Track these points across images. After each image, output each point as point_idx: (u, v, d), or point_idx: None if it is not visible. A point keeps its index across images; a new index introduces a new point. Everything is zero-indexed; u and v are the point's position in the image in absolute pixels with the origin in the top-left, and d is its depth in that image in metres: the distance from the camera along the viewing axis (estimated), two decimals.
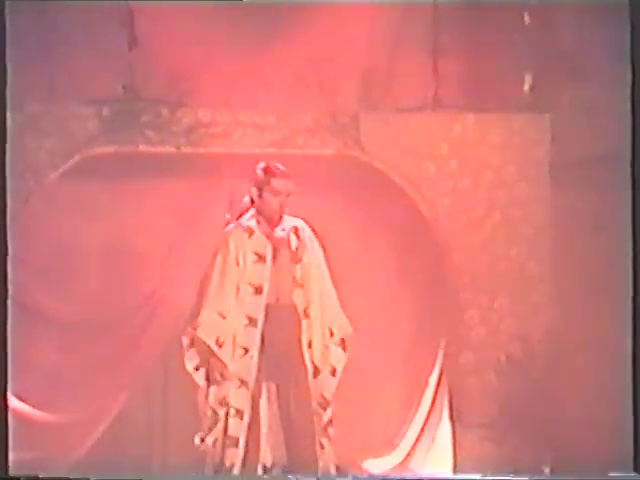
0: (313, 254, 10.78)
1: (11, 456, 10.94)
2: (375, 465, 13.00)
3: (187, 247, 13.19)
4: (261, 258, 9.86)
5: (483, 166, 12.90)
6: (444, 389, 13.19)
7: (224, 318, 9.90)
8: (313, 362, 10.07)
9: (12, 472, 10.51)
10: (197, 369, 10.68)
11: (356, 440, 12.74)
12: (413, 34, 13.04)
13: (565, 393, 12.57)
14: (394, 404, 13.12)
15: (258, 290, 10.45)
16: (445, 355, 13.08)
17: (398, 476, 7.98)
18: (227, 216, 11.77)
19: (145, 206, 12.71)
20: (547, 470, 12.69)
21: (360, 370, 11.93)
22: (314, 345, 10.05)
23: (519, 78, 13.44)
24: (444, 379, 13.21)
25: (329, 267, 10.84)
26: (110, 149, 12.37)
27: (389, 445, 13.23)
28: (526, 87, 13.25)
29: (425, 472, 13.21)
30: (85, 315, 12.59)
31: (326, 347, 10.60)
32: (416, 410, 13.29)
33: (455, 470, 13.21)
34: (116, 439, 12.80)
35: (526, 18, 13.50)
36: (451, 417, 13.07)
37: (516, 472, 11.99)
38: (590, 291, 12.52)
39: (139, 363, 13.00)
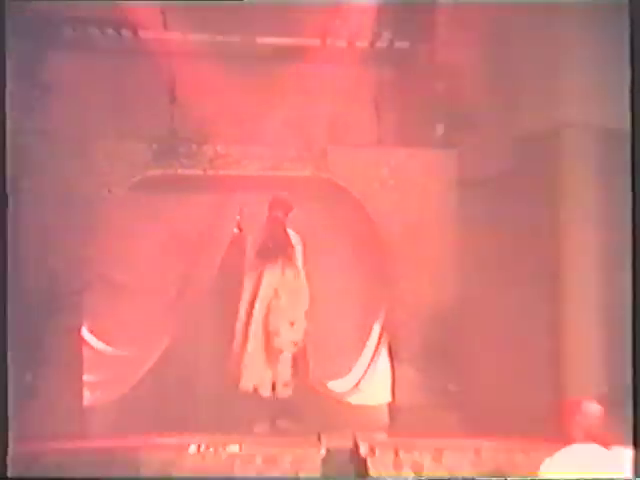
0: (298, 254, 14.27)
1: (85, 378, 14.35)
2: (336, 385, 15.57)
3: (207, 242, 15.25)
4: None
5: (412, 184, 15.08)
6: (385, 335, 15.40)
7: None
8: None
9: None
10: None
11: (323, 368, 15.04)
12: (364, 95, 15.37)
13: (467, 337, 15.00)
14: (350, 344, 15.89)
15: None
16: (385, 312, 15.31)
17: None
18: (235, 230, 15.04)
19: (181, 211, 15.08)
20: (452, 387, 14.69)
21: (327, 321, 15.04)
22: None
23: (434, 125, 15.25)
24: (384, 328, 15.43)
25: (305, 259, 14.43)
26: (158, 172, 14.71)
27: (346, 372, 15.56)
28: (439, 131, 15.11)
29: (370, 391, 15.45)
30: (142, 284, 15.08)
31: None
32: (364, 348, 16.02)
33: (393, 392, 15.41)
34: (160, 371, 14.97)
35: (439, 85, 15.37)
36: (389, 354, 15.30)
37: (428, 389, 14.80)
38: (483, 272, 15.05)
39: (177, 317, 15.53)
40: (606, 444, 10.03)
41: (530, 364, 14.15)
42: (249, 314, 14.66)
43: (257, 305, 14.68)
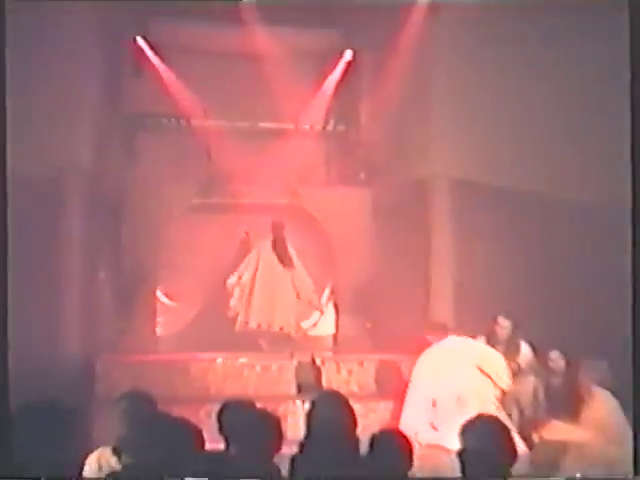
0: None
1: (158, 320, 14.96)
2: (303, 324, 15.19)
3: (227, 241, 15.27)
4: None
5: (347, 207, 15.32)
6: (331, 295, 15.77)
7: None
8: None
9: None
10: None
11: (297, 314, 14.76)
12: (320, 157, 16.18)
13: (379, 296, 15.06)
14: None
15: None
16: (332, 282, 15.78)
17: None
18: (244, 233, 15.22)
19: (212, 223, 15.17)
20: (368, 325, 15.24)
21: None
22: None
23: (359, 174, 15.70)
24: (332, 291, 15.78)
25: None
26: (199, 201, 14.91)
27: (309, 317, 15.44)
28: (362, 177, 15.64)
29: (322, 328, 15.65)
30: (187, 266, 15.08)
31: None
32: (321, 295, 15.70)
33: (336, 328, 15.62)
34: (200, 317, 15.31)
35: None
36: (334, 306, 15.67)
37: (355, 327, 15.28)
38: (388, 258, 14.90)
39: (206, 287, 15.33)
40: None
41: (416, 305, 14.33)
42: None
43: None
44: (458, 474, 4.95)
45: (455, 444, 5.14)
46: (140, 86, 14.84)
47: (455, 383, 11.22)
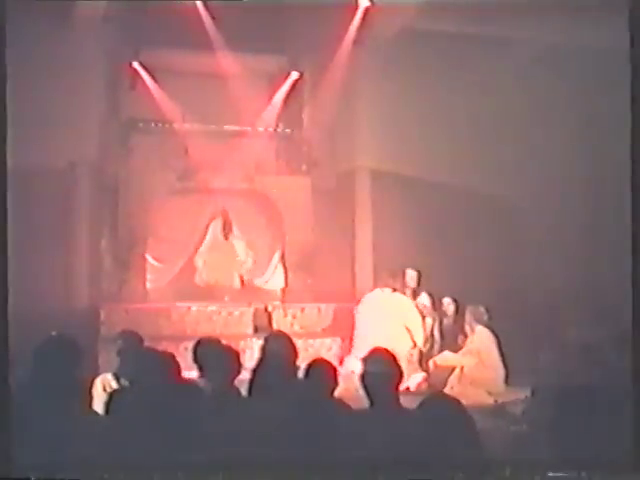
0: None
1: (147, 277, 14.55)
2: (257, 281, 15.06)
3: (198, 219, 14.91)
4: None
5: (293, 191, 14.90)
6: (281, 257, 15.19)
7: None
8: None
9: None
10: None
11: (252, 273, 14.98)
12: (271, 153, 15.64)
13: (318, 258, 14.70)
14: (266, 261, 15.11)
15: None
16: (281, 248, 15.15)
17: None
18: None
19: (190, 205, 14.68)
20: (309, 281, 14.87)
21: (256, 252, 15.17)
22: None
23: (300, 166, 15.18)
24: (281, 255, 15.16)
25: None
26: (179, 185, 14.42)
27: (262, 275, 15.11)
28: (303, 168, 15.07)
29: (274, 283, 15.08)
30: (169, 235, 14.54)
31: None
32: (271, 262, 15.29)
33: (285, 283, 15.07)
34: (179, 277, 14.84)
35: None
36: (283, 266, 15.14)
37: (299, 281, 14.90)
38: (326, 227, 14.56)
39: (185, 253, 14.90)
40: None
41: (345, 265, 14.57)
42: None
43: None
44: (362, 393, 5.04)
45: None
46: (134, 97, 14.65)
47: (384, 337, 10.93)
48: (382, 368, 5.00)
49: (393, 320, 11.77)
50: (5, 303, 5.06)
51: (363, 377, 5.10)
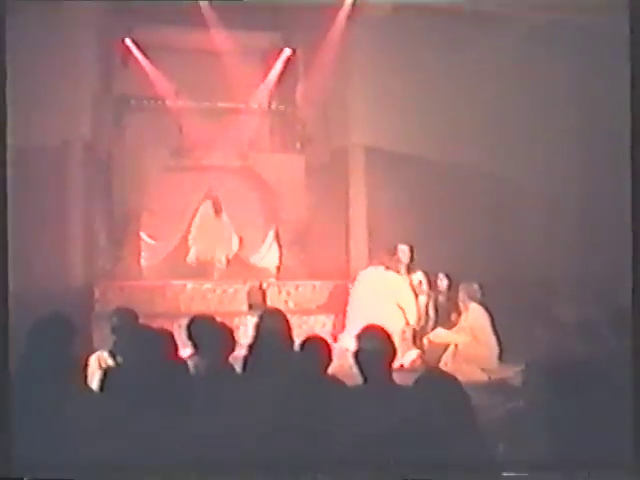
0: None
1: (142, 255, 14.59)
2: (252, 258, 15.05)
3: (192, 196, 14.86)
4: None
5: (286, 168, 14.91)
6: (275, 235, 15.23)
7: None
8: None
9: None
10: None
11: (247, 250, 15.08)
12: (265, 130, 15.80)
13: (311, 236, 14.86)
14: (260, 239, 15.14)
15: None
16: (275, 226, 15.16)
17: None
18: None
19: (183, 183, 14.66)
20: (302, 256, 14.98)
21: (250, 230, 15.16)
22: None
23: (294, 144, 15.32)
24: (275, 233, 15.19)
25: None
26: (173, 162, 14.48)
27: (257, 252, 15.14)
28: (297, 146, 15.21)
29: (269, 261, 15.05)
30: (164, 213, 14.58)
31: None
32: (265, 240, 15.26)
33: (280, 261, 15.11)
34: (178, 251, 14.87)
35: None
36: (278, 244, 15.19)
37: (293, 259, 15.02)
38: (323, 204, 14.64)
39: (178, 228, 14.90)
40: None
41: (339, 242, 14.40)
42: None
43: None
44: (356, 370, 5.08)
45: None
46: (127, 75, 14.64)
47: (377, 314, 10.75)
48: (375, 345, 5.04)
49: (386, 298, 11.79)
50: (6, 288, 5.12)
51: (357, 354, 5.13)
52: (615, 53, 5.92)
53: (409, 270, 12.27)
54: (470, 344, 10.86)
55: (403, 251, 12.26)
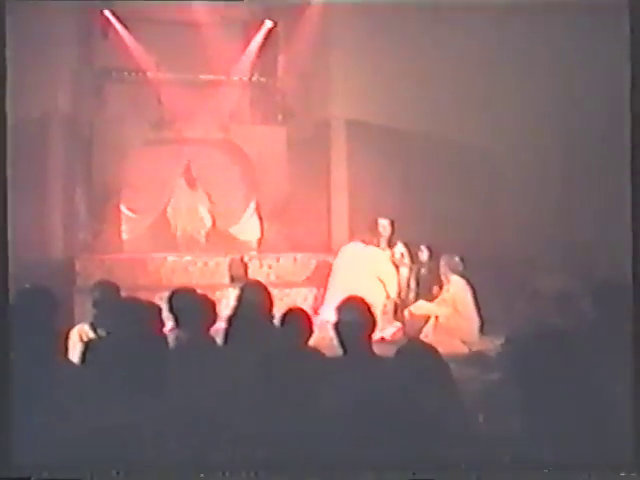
0: None
1: (122, 229, 14.65)
2: (233, 230, 15.18)
3: (172, 169, 14.94)
4: None
5: (267, 140, 15.01)
6: (256, 207, 15.35)
7: None
8: None
9: None
10: None
11: (228, 221, 15.24)
12: (246, 103, 15.82)
13: (293, 210, 14.95)
14: (241, 211, 15.30)
15: None
16: (256, 197, 15.28)
17: None
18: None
19: (164, 155, 14.70)
20: (284, 231, 15.00)
21: (231, 202, 15.35)
22: None
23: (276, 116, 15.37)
24: (257, 204, 15.33)
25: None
26: (153, 135, 14.52)
27: (237, 223, 15.28)
28: (279, 118, 15.24)
29: (249, 233, 15.13)
30: (144, 186, 14.60)
31: None
32: (245, 212, 15.39)
33: (261, 233, 15.19)
34: (159, 224, 14.97)
35: None
36: (259, 216, 15.30)
37: (275, 233, 15.02)
38: (303, 177, 14.73)
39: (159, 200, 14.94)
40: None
41: (320, 215, 14.43)
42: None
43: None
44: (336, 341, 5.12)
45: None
46: (107, 47, 14.58)
47: (358, 288, 10.56)
48: (355, 316, 5.07)
49: (367, 272, 11.83)
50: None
51: (336, 325, 5.16)
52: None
53: (390, 244, 12.28)
54: (451, 316, 10.93)
55: (384, 226, 12.27)
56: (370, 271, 11.87)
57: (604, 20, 9.04)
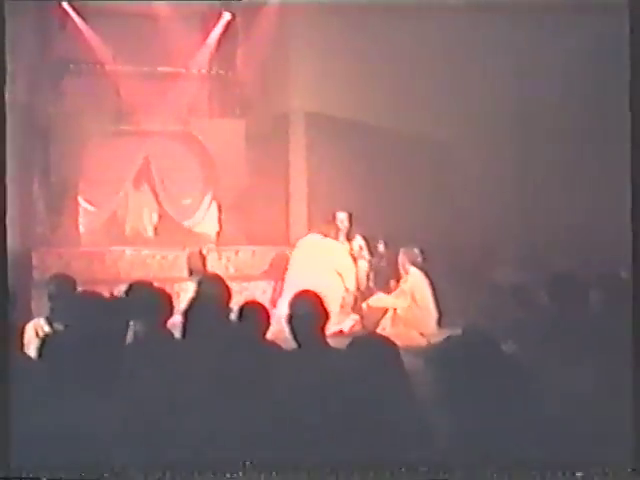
0: None
1: (80, 221, 14.44)
2: (188, 223, 15.03)
3: (130, 162, 14.76)
4: None
5: (225, 132, 14.89)
6: (213, 199, 15.19)
7: None
8: None
9: None
10: None
11: (183, 216, 15.05)
12: (204, 95, 15.61)
13: (255, 200, 14.88)
14: (197, 205, 14.97)
15: None
16: (213, 190, 15.14)
17: None
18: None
19: (122, 148, 14.60)
20: (243, 224, 14.81)
21: (186, 193, 15.21)
22: None
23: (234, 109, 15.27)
24: (213, 195, 15.15)
25: None
26: (113, 128, 14.35)
27: (192, 216, 15.09)
28: (236, 112, 15.10)
29: (208, 226, 14.98)
30: (102, 179, 14.44)
31: None
32: (201, 205, 15.20)
33: (220, 226, 15.06)
34: (117, 218, 14.89)
35: None
36: (218, 208, 15.12)
37: (233, 223, 14.90)
38: (261, 163, 14.67)
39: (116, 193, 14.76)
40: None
41: (279, 209, 14.46)
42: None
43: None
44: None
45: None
46: (65, 39, 14.45)
47: (316, 282, 10.58)
48: (308, 310, 5.12)
49: (324, 265, 11.85)
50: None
51: (289, 319, 5.23)
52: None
53: (349, 237, 12.31)
54: (409, 308, 11.00)
55: (342, 219, 12.30)
56: (328, 264, 11.88)
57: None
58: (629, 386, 4.66)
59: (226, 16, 15.12)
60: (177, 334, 5.97)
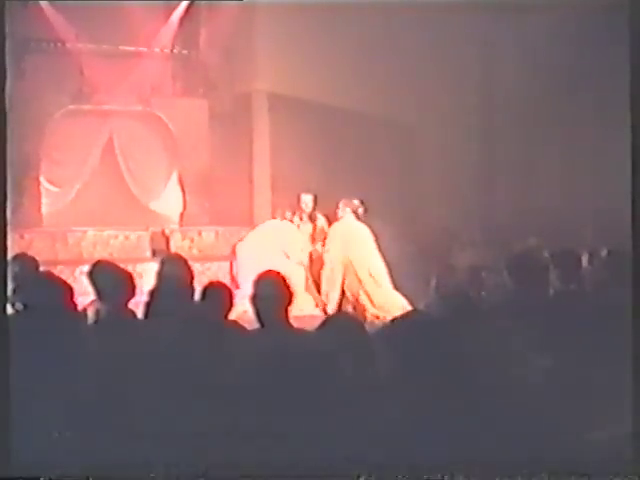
0: None
1: (42, 201, 14.26)
2: (153, 204, 14.88)
3: (93, 141, 14.61)
4: None
5: (190, 113, 14.81)
6: (178, 178, 15.08)
7: None
8: None
9: None
10: None
11: (147, 197, 14.84)
12: (167, 76, 15.40)
13: (219, 180, 14.78)
14: (162, 185, 14.92)
15: None
16: (178, 171, 15.02)
17: None
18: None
19: (84, 127, 14.49)
20: (206, 204, 14.85)
21: (151, 177, 15.08)
22: None
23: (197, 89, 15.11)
24: (179, 177, 15.02)
25: None
26: (73, 107, 14.22)
27: (158, 198, 14.95)
28: (200, 91, 14.97)
29: (171, 207, 14.88)
30: (64, 158, 14.46)
31: None
32: (167, 186, 15.05)
33: (184, 206, 14.95)
34: (80, 198, 14.57)
35: None
36: (182, 189, 14.97)
37: (195, 205, 14.85)
38: (226, 147, 14.60)
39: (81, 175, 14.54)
40: None
41: (242, 189, 14.57)
42: None
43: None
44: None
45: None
46: (26, 17, 14.02)
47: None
48: (271, 290, 5.13)
49: (273, 247, 11.85)
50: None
51: (253, 299, 5.22)
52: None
53: (312, 218, 12.33)
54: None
55: (305, 202, 12.30)
56: (276, 245, 11.91)
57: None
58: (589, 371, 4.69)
59: None
60: (140, 315, 5.97)
